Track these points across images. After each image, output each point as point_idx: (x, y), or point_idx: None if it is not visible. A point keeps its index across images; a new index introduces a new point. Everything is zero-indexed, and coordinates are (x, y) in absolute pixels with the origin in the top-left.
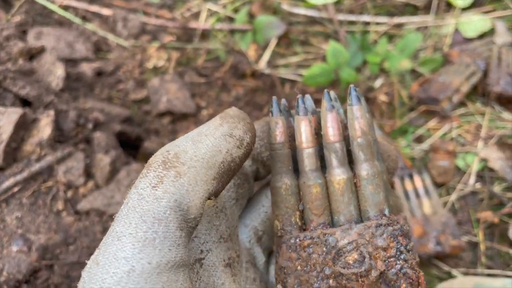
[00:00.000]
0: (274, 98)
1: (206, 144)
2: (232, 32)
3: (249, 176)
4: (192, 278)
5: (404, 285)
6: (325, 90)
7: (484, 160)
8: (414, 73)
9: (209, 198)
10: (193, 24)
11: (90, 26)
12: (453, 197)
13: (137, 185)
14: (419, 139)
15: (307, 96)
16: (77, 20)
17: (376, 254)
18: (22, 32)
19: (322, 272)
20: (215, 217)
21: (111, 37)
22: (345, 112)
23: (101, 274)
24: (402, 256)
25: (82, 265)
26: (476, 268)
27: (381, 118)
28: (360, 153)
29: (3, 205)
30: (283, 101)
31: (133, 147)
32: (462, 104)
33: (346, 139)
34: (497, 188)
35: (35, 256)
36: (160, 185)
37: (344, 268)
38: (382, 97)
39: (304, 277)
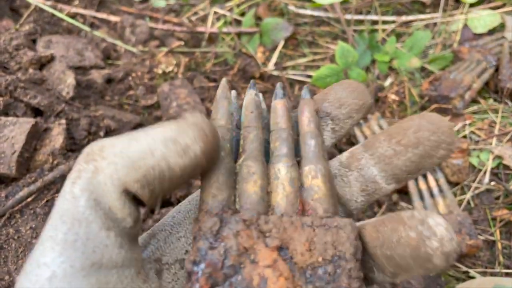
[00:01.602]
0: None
1: (140, 144)
2: (239, 35)
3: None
4: (165, 277)
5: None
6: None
7: (499, 157)
8: (423, 71)
9: (140, 204)
10: (200, 28)
11: (99, 33)
12: (468, 195)
13: (63, 185)
14: None
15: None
16: (85, 28)
17: None
18: (31, 41)
19: None
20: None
21: (119, 44)
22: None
23: (25, 281)
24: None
25: None
26: (494, 268)
27: (392, 117)
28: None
29: (17, 215)
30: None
31: None
32: (474, 101)
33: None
34: None
35: None
36: (78, 181)
37: None
38: (393, 96)
39: None
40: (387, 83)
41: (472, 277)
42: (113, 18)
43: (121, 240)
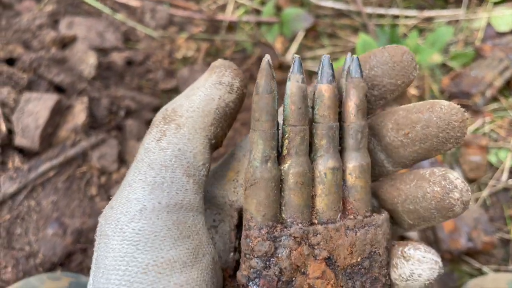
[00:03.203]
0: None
1: (199, 95)
2: (259, 24)
3: None
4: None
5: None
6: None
7: None
8: (444, 67)
9: (216, 147)
10: (219, 16)
11: (119, 17)
12: (485, 193)
13: (143, 142)
14: None
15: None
16: (106, 10)
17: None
18: (54, 22)
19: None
20: (232, 192)
21: (139, 28)
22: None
23: (115, 215)
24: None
25: None
26: (508, 265)
27: None
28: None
29: (39, 188)
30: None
31: None
32: (494, 99)
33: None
34: None
35: (70, 239)
36: (163, 138)
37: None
38: (413, 91)
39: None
40: None
41: (485, 274)
42: (133, 3)
43: (198, 187)
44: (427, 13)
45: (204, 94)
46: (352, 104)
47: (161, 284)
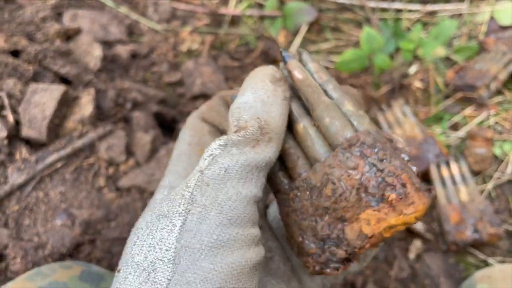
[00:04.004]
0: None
1: (279, 113)
2: (262, 18)
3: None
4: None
5: (389, 194)
6: (281, 49)
7: None
8: (448, 61)
9: None
10: (222, 10)
11: (123, 10)
12: (490, 185)
13: (235, 142)
14: (455, 127)
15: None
16: (110, 3)
17: (348, 176)
18: (57, 14)
19: (314, 215)
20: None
21: (143, 21)
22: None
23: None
24: (376, 168)
25: (123, 241)
26: None
27: (415, 105)
28: (307, 99)
29: (47, 179)
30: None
31: (168, 128)
32: (499, 92)
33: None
34: None
35: (78, 230)
36: (257, 146)
37: (326, 201)
38: (417, 84)
39: (304, 224)
40: (411, 70)
41: (491, 265)
42: None
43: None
44: (430, 7)
45: (280, 112)
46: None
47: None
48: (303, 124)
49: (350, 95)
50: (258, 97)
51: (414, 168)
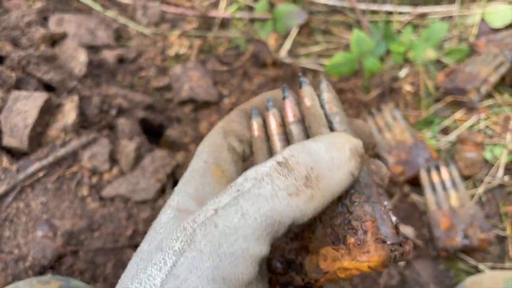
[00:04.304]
0: (269, 99)
1: (338, 179)
2: (252, 21)
3: (238, 153)
4: None
5: (350, 237)
6: (284, 86)
7: None
8: (438, 63)
9: None
10: (212, 13)
11: (111, 14)
12: (481, 190)
13: (272, 177)
14: (445, 131)
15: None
16: (97, 7)
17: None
18: (43, 19)
19: (286, 236)
20: None
21: (131, 25)
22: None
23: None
24: (346, 209)
25: (107, 251)
26: (504, 263)
27: (406, 108)
28: (310, 125)
29: (28, 190)
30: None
31: (155, 135)
32: (489, 95)
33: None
34: None
35: (60, 241)
36: (295, 197)
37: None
38: (407, 87)
39: (276, 242)
40: (402, 73)
41: (481, 271)
42: (125, 0)
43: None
44: (421, 9)
45: (340, 181)
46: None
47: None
48: None
49: (354, 132)
50: (329, 154)
51: (394, 218)
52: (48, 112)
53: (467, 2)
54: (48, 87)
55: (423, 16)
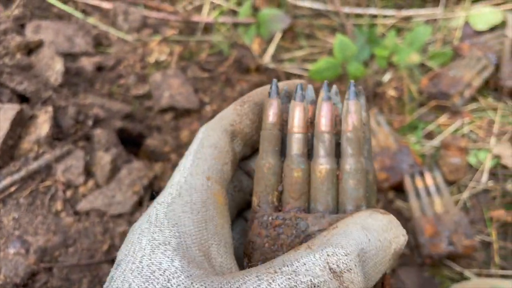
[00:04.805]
0: (274, 80)
1: (374, 263)
2: (236, 25)
3: (237, 158)
4: None
5: None
6: (325, 81)
7: (497, 157)
8: (423, 67)
9: None
10: (195, 18)
11: (91, 20)
12: (465, 195)
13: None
14: (430, 135)
15: (309, 86)
16: (77, 14)
17: (291, 241)
18: (20, 26)
19: (271, 251)
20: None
21: (112, 31)
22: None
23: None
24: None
25: (82, 267)
26: (489, 269)
27: (390, 113)
28: (348, 147)
29: None
30: (285, 87)
31: (134, 144)
32: (473, 99)
33: (339, 134)
34: (510, 186)
35: (33, 258)
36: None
37: (275, 251)
38: (391, 92)
39: (270, 255)
40: (385, 78)
41: (467, 278)
42: (105, 5)
43: None
44: (405, 13)
45: (376, 266)
46: (350, 118)
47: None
48: (329, 167)
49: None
50: (379, 238)
51: None
52: (20, 124)
53: (451, 5)
54: (22, 97)
55: (407, 19)
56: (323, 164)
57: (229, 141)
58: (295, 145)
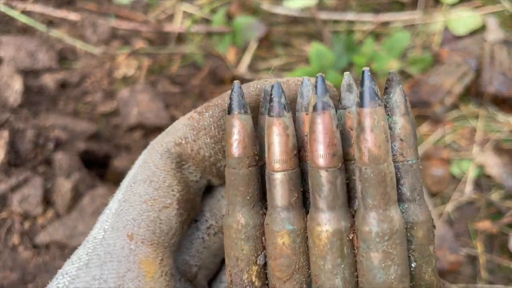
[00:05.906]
0: (236, 82)
1: None
2: (210, 35)
3: (195, 192)
4: None
5: None
6: (319, 75)
7: (480, 166)
8: (402, 74)
9: None
10: (167, 27)
11: (56, 33)
12: (449, 207)
13: None
14: None
15: (305, 80)
16: (40, 27)
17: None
18: None
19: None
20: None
21: (79, 44)
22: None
23: None
24: None
25: None
26: (476, 283)
27: None
28: (365, 192)
29: None
30: (266, 86)
31: (101, 166)
32: (454, 106)
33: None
34: (494, 196)
35: None
36: None
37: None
38: None
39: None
40: None
41: None
42: (73, 17)
43: None
44: (383, 17)
45: None
46: (364, 140)
47: None
48: (335, 228)
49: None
50: None
51: None
52: None
53: (430, 8)
54: None
55: (385, 24)
56: (321, 224)
57: (173, 169)
58: (278, 191)
